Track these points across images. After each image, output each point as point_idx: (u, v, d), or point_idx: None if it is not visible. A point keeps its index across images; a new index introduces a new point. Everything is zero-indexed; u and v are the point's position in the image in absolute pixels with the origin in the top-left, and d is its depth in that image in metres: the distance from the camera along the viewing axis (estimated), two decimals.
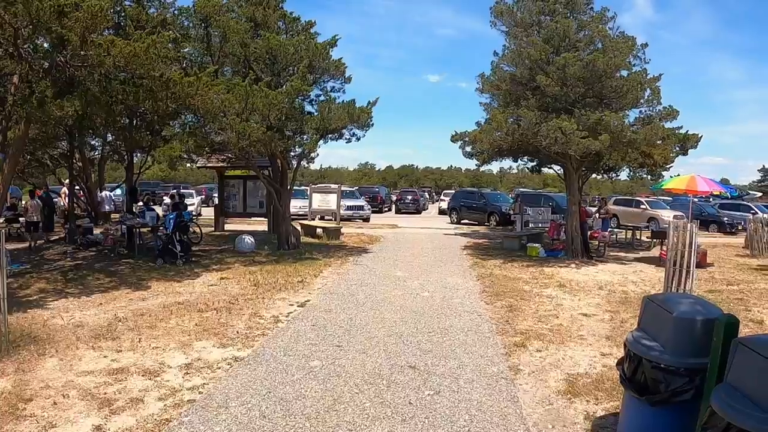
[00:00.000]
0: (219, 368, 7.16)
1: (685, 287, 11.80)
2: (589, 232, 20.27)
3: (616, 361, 6.59)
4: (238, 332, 8.84)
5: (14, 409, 5.75)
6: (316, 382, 6.66)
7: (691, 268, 12.07)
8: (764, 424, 3.13)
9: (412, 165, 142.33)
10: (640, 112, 17.56)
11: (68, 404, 5.94)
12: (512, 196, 36.28)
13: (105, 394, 6.22)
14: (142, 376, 6.81)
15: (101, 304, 10.73)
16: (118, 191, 33.40)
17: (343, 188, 34.39)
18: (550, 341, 8.71)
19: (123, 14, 15.50)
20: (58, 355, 7.49)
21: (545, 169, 24.25)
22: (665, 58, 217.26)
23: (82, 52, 11.20)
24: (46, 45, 12.48)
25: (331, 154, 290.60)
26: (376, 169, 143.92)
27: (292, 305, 10.89)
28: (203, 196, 43.65)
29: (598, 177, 33.12)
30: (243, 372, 6.98)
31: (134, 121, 18.79)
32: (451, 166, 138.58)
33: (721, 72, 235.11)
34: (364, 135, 18.85)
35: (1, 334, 7.48)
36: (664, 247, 16.34)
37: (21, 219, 21.05)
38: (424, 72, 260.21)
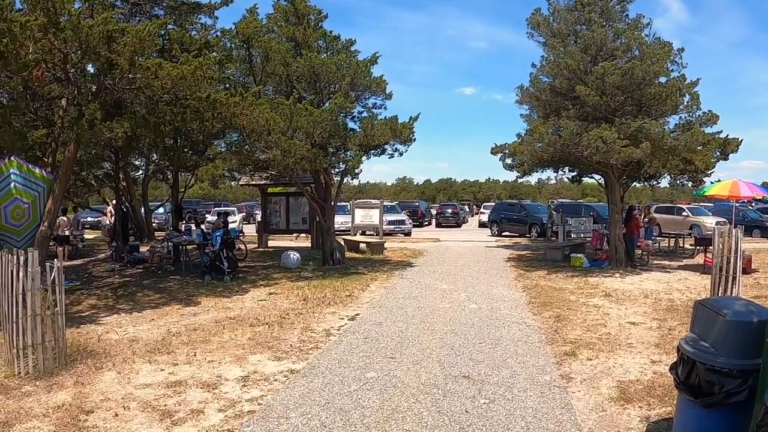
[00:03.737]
0: (276, 380, 7.29)
1: (731, 293, 11.72)
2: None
3: (666, 367, 6.66)
4: (291, 345, 9.00)
5: (76, 421, 5.92)
6: (373, 392, 6.77)
7: (737, 274, 11.99)
8: None
9: (450, 178, 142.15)
10: (680, 118, 17.45)
11: (130, 416, 6.11)
12: (549, 206, 35.81)
13: (165, 405, 6.39)
14: (201, 388, 6.97)
15: (153, 319, 10.98)
16: (161, 210, 33.93)
17: (384, 203, 34.47)
18: (599, 350, 8.74)
19: (167, 38, 15.85)
20: (116, 369, 7.69)
21: (585, 179, 24.16)
22: (701, 63, 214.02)
23: (129, 75, 11.52)
24: (91, 69, 12.87)
25: (368, 170, 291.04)
26: (415, 183, 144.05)
27: (342, 319, 11.02)
28: (245, 214, 44.07)
29: (639, 185, 32.85)
30: (300, 384, 7.12)
31: (179, 141, 19.15)
32: (489, 178, 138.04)
33: (757, 75, 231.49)
34: (407, 150, 19.03)
35: (59, 349, 7.72)
36: (708, 254, 16.23)
37: (70, 238, 21.46)
38: (457, 85, 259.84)
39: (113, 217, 23.18)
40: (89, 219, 36.35)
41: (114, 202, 23.38)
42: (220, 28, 18.84)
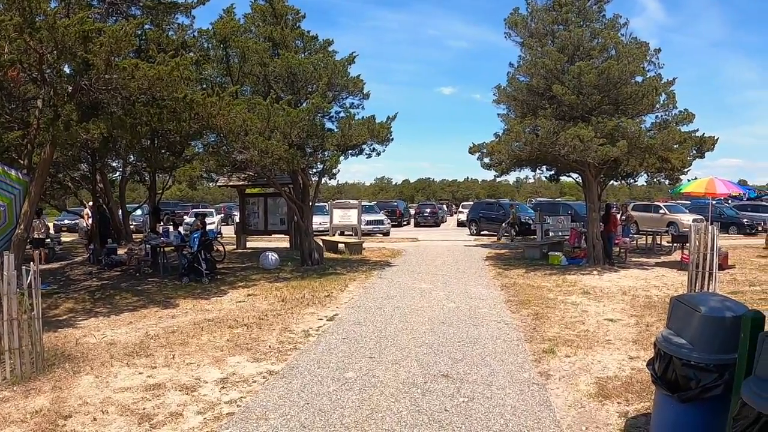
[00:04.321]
0: (255, 382, 7.28)
1: (708, 290, 11.84)
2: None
3: (643, 363, 6.72)
4: (270, 347, 8.98)
5: (54, 426, 5.86)
6: (352, 392, 6.77)
7: (714, 271, 12.11)
8: None
9: (429, 178, 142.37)
10: (657, 117, 17.62)
11: (108, 420, 6.06)
12: (512, 206, 35.66)
13: (144, 409, 6.34)
14: (179, 391, 6.93)
15: (131, 322, 10.90)
16: (138, 212, 33.71)
17: (362, 203, 34.48)
18: (578, 347, 8.80)
19: (144, 38, 15.73)
20: (94, 373, 7.63)
21: (563, 178, 24.29)
22: (678, 62, 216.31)
23: (106, 76, 11.38)
24: (67, 70, 12.73)
25: (346, 170, 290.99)
26: (393, 183, 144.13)
27: (321, 319, 11.01)
28: (223, 215, 43.88)
29: (616, 183, 33.08)
30: (279, 385, 7.10)
31: (155, 142, 19.03)
32: (468, 177, 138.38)
33: (734, 73, 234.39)
34: (384, 150, 19.03)
35: (36, 354, 7.64)
36: (685, 251, 16.38)
37: (47, 241, 21.28)
38: (437, 85, 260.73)
39: (90, 220, 22.99)
40: (66, 221, 36.09)
41: (91, 203, 23.17)
42: (197, 28, 18.73)
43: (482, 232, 35.31)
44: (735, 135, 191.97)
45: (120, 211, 26.80)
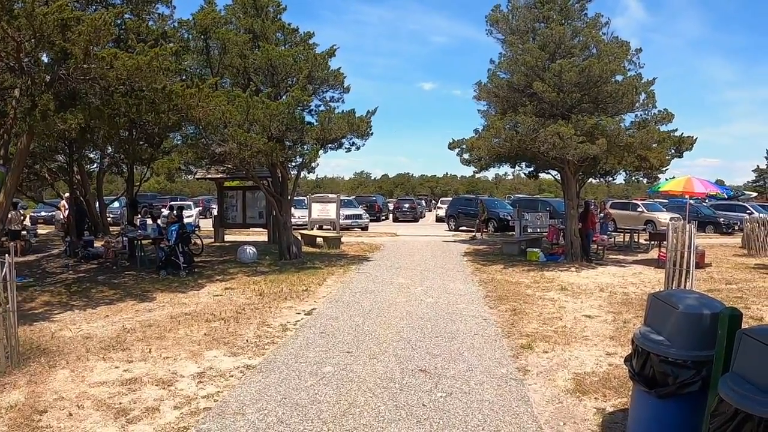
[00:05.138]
0: (232, 376, 7.23)
1: (684, 287, 11.94)
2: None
3: (621, 359, 6.76)
4: (247, 341, 8.93)
5: (30, 421, 5.78)
6: (330, 387, 6.75)
7: (691, 269, 12.21)
8: None
9: (408, 173, 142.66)
10: (636, 116, 17.73)
11: (84, 415, 5.98)
12: (481, 202, 35.41)
13: (120, 404, 6.27)
14: (156, 385, 6.87)
15: (108, 315, 10.78)
16: (116, 204, 33.40)
17: (341, 197, 34.47)
18: (555, 342, 8.84)
19: (123, 27, 15.58)
20: (69, 367, 7.54)
21: (542, 175, 24.37)
22: (658, 61, 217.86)
23: (84, 66, 11.27)
24: (45, 59, 12.59)
25: (326, 164, 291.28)
26: (372, 177, 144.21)
27: (299, 314, 10.97)
28: (201, 208, 43.62)
29: (595, 181, 33.28)
30: (256, 379, 7.06)
31: (134, 134, 18.87)
32: (447, 173, 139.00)
33: (713, 73, 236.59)
34: (364, 144, 18.97)
35: (12, 348, 7.54)
36: (663, 249, 16.51)
37: (23, 233, 21.07)
38: (418, 80, 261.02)
39: (66, 211, 22.75)
40: (43, 213, 35.72)
41: (67, 195, 22.92)
42: (177, 19, 18.63)
43: (461, 228, 35.41)
44: (714, 135, 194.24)
45: (97, 203, 26.49)
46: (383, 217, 48.48)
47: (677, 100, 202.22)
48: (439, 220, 45.44)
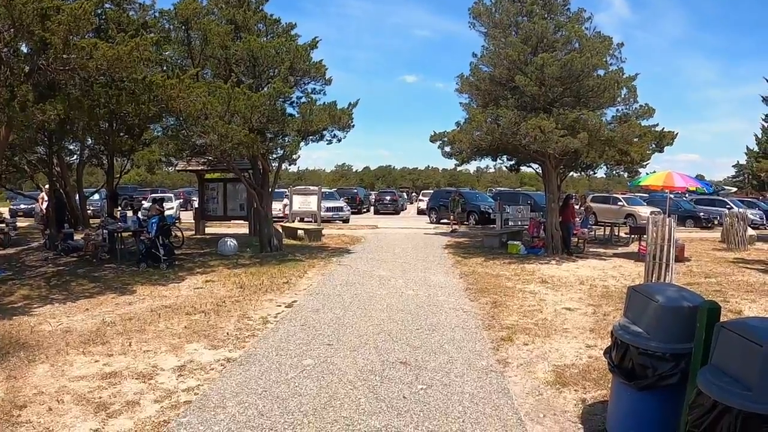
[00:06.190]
0: (212, 369, 7.19)
1: (664, 281, 12.03)
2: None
3: (600, 352, 6.80)
4: (228, 334, 8.89)
5: (9, 417, 5.71)
6: (311, 380, 6.74)
7: (670, 262, 12.31)
8: (746, 399, 3.37)
9: (390, 166, 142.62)
10: (617, 110, 17.87)
11: (64, 409, 5.93)
12: (454, 196, 35.23)
13: (100, 398, 6.22)
14: (136, 379, 6.82)
15: (87, 309, 10.67)
16: (96, 196, 33.12)
17: (322, 190, 34.43)
18: (535, 335, 8.88)
19: (104, 17, 15.44)
20: (49, 361, 7.46)
21: (523, 168, 24.46)
22: (641, 58, 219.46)
23: (64, 56, 11.16)
24: (24, 49, 12.45)
25: (307, 156, 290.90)
26: (354, 170, 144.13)
27: (280, 306, 10.94)
28: (182, 200, 43.37)
29: (576, 175, 33.42)
30: (237, 372, 7.04)
31: (114, 125, 18.72)
32: (428, 166, 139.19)
33: (695, 71, 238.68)
34: (345, 136, 18.93)
35: None
36: (643, 243, 16.61)
37: (1, 225, 20.89)
38: (400, 73, 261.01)
39: (46, 204, 22.53)
40: (22, 206, 35.41)
41: (47, 187, 22.70)
42: (158, 9, 18.48)
43: (442, 221, 35.40)
44: (694, 131, 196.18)
45: (77, 195, 26.22)
46: (364, 210, 48.56)
47: (659, 97, 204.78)
48: (420, 212, 45.54)
